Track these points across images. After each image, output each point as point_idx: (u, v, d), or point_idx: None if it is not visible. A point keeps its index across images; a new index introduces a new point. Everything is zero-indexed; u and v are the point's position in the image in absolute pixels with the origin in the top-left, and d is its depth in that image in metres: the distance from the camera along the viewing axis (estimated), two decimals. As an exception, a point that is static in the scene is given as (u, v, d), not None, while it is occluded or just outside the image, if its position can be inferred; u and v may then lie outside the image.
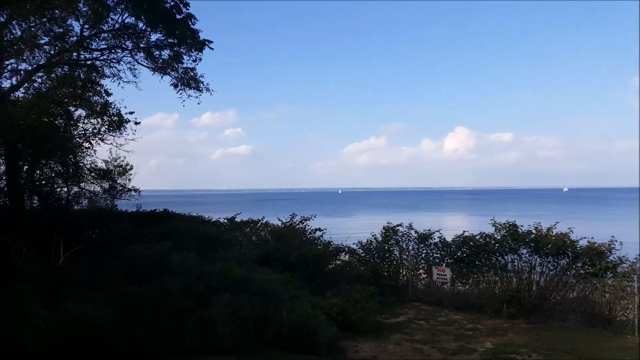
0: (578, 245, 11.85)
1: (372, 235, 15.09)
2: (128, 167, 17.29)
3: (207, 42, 15.73)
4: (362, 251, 14.73)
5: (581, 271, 11.73)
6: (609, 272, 11.55)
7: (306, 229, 15.22)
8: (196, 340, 7.27)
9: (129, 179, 17.30)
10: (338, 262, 14.62)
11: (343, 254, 14.69)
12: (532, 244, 12.22)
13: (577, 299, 11.83)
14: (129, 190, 17.10)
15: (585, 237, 12.13)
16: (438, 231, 14.38)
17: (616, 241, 11.89)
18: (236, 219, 16.18)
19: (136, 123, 15.70)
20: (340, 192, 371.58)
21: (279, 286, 8.89)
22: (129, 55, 15.87)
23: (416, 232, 14.49)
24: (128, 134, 15.73)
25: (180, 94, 16.46)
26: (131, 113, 15.54)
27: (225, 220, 16.19)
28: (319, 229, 15.09)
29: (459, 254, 13.49)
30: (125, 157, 16.98)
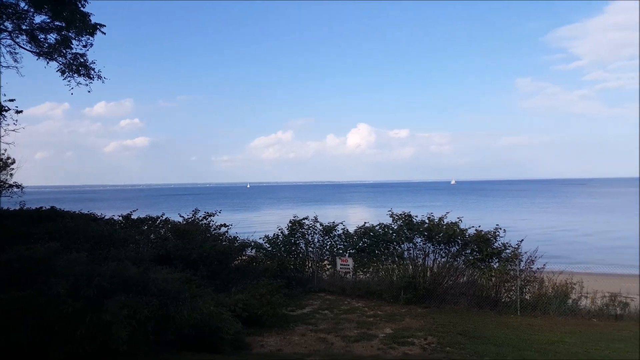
0: (467, 234, 12.80)
1: (279, 229, 15.12)
2: (9, 160, 15.60)
3: (98, 26, 14.57)
4: (268, 245, 14.72)
5: (470, 257, 12.70)
6: (494, 258, 12.63)
7: (210, 225, 14.84)
8: (90, 345, 6.77)
9: (11, 174, 15.62)
10: (244, 257, 14.45)
11: (249, 249, 14.54)
12: (426, 233, 13.00)
13: (466, 283, 12.80)
14: (10, 186, 15.45)
15: (473, 226, 13.15)
16: (342, 223, 14.81)
17: (500, 229, 13.03)
18: (132, 217, 15.32)
19: (17, 112, 14.19)
20: (248, 186, 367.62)
21: (180, 285, 8.55)
22: (8, 37, 14.26)
23: (321, 224, 14.79)
24: (8, 124, 14.17)
25: (69, 81, 15.13)
26: (11, 101, 14.03)
27: (120, 218, 15.27)
28: (224, 225, 14.80)
29: (360, 244, 13.99)
30: (5, 150, 15.31)
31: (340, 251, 14.33)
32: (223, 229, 14.47)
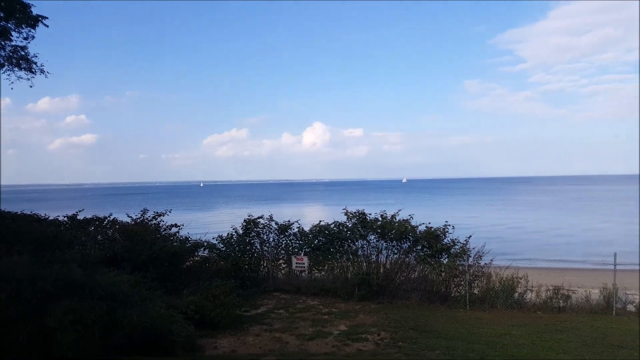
0: (418, 230, 13.12)
1: (233, 229, 14.91)
2: (-59, 159, 14.60)
3: (40, 18, 13.88)
4: (222, 246, 14.46)
5: (421, 253, 13.02)
6: (444, 253, 13.01)
7: (160, 225, 14.44)
8: (33, 351, 6.45)
9: (-58, 174, 14.64)
10: (196, 258, 14.15)
11: (202, 249, 14.26)
12: (379, 231, 13.22)
13: (418, 278, 13.11)
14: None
15: (423, 223, 13.50)
16: (297, 222, 14.77)
17: (449, 226, 13.43)
18: (78, 217, 14.69)
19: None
20: (201, 185, 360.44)
21: (129, 288, 8.28)
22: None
23: (277, 223, 14.71)
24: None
25: (9, 75, 14.32)
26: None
27: (66, 219, 14.60)
28: (175, 225, 14.42)
29: (315, 242, 14.03)
30: None
31: (296, 250, 14.32)
32: (174, 230, 14.10)
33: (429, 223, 13.59)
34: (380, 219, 13.58)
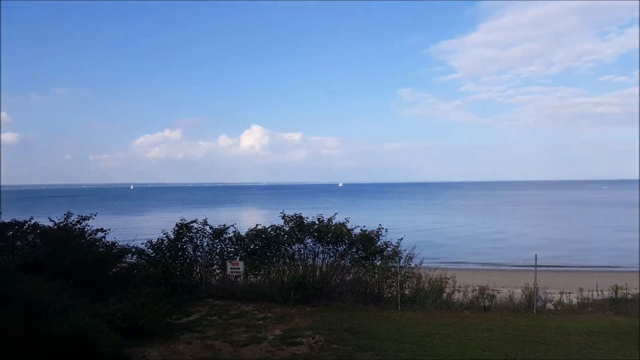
0: (353, 233, 13.35)
1: (164, 234, 14.39)
2: None
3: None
4: (152, 251, 13.92)
5: (355, 256, 13.23)
6: (377, 256, 13.30)
7: (85, 229, 13.66)
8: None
9: None
10: (124, 264, 13.53)
11: (130, 255, 13.66)
12: (316, 234, 13.31)
13: (352, 280, 13.31)
14: None
15: (358, 226, 13.75)
16: (233, 226, 14.53)
17: (383, 228, 13.76)
18: (-6, 222, 13.60)
19: None
20: (132, 187, 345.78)
21: (51, 296, 7.79)
22: None
23: (211, 227, 14.38)
24: None
25: None
26: None
27: (-20, 224, 13.47)
28: (101, 230, 13.71)
29: (252, 246, 13.87)
30: None
31: (231, 255, 14.07)
32: (100, 234, 13.38)
33: (364, 226, 13.86)
34: (317, 222, 13.66)
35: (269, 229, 13.90)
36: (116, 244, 13.15)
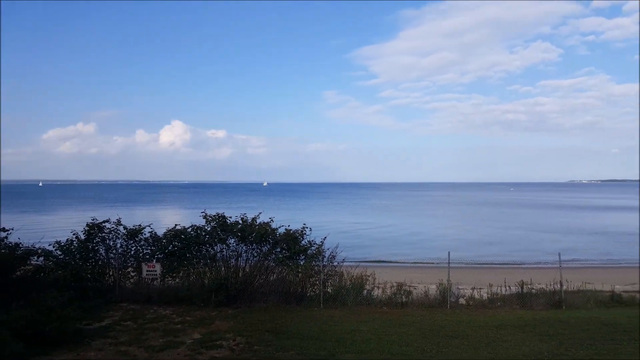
0: (277, 233, 13.24)
1: (74, 234, 13.45)
2: None
3: None
4: (60, 253, 12.96)
5: (280, 255, 13.15)
6: (301, 255, 13.32)
7: (-16, 229, 12.44)
8: None
9: None
10: (29, 267, 12.49)
11: (36, 257, 12.64)
12: (239, 234, 13.05)
13: (276, 280, 13.22)
14: None
15: (283, 225, 13.68)
16: (149, 226, 13.88)
17: (307, 228, 13.80)
18: None
19: None
20: (40, 184, 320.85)
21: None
22: None
23: (125, 228, 13.65)
24: None
25: None
26: None
27: None
28: (4, 229, 12.55)
29: (170, 247, 13.34)
30: None
31: (147, 256, 13.44)
32: (2, 234, 12.28)
33: (289, 226, 13.82)
34: (240, 222, 13.41)
35: (189, 229, 13.43)
36: (20, 245, 12.12)
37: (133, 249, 13.64)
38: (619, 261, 32.26)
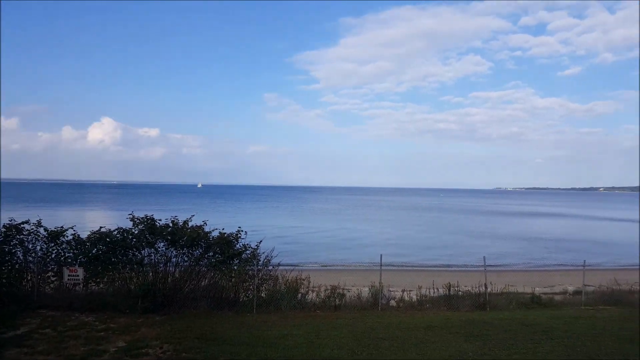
0: (211, 236, 12.92)
1: (-14, 237, 12.43)
2: None
3: None
4: (-31, 257, 11.94)
5: (212, 260, 12.83)
6: (235, 259, 13.08)
7: None
8: None
9: None
10: None
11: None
12: (169, 237, 12.60)
13: (208, 286, 12.88)
14: None
15: (217, 229, 13.37)
16: (72, 228, 13.09)
17: (242, 231, 13.57)
18: None
19: None
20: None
21: None
22: None
23: (46, 230, 12.79)
24: None
25: None
26: None
27: None
28: None
29: (94, 251, 12.62)
30: None
31: (70, 260, 12.66)
32: None
33: (223, 229, 13.54)
34: (171, 225, 12.95)
35: (115, 232, 12.79)
36: None
37: (54, 252, 12.80)
38: (539, 265, 34.47)
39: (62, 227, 12.96)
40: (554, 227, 69.78)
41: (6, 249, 12.38)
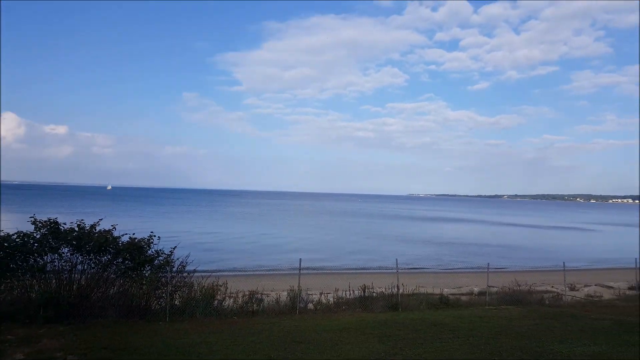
0: (120, 241, 12.26)
1: None
2: None
3: None
4: None
5: (122, 266, 12.20)
6: (147, 265, 12.53)
7: None
8: None
9: None
10: None
11: None
12: (75, 242, 11.81)
13: (117, 293, 12.21)
14: None
15: (127, 234, 12.72)
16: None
17: (155, 236, 13.03)
18: None
19: None
20: None
21: None
22: None
23: None
24: None
25: None
26: None
27: None
28: None
29: (-12, 257, 11.54)
30: None
31: (-42, 268, 11.47)
32: None
33: (134, 234, 12.93)
34: (76, 229, 12.15)
35: (14, 236, 11.75)
36: None
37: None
38: (448, 267, 36.47)
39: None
40: (462, 231, 74.30)
41: None
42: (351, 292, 15.56)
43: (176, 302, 12.46)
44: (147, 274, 12.35)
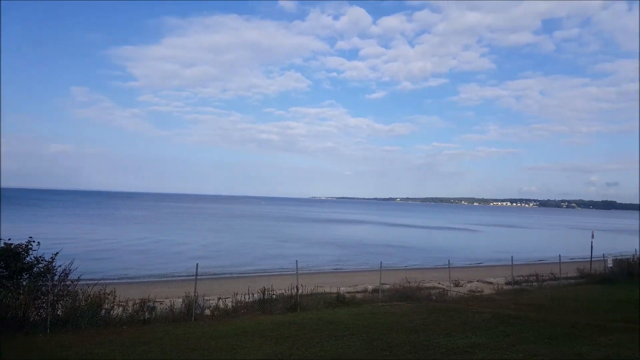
0: (-7, 248, 11.09)
1: None
2: None
3: None
4: None
5: (-6, 275, 11.02)
6: (25, 274, 11.45)
7: None
8: None
9: None
10: None
11: None
12: None
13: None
14: None
15: (2, 239, 11.61)
16: None
17: (34, 241, 11.98)
18: None
19: None
20: None
21: None
22: None
23: None
24: None
25: None
26: None
27: None
28: None
29: None
30: None
31: None
32: None
33: (9, 239, 11.79)
34: None
35: None
36: None
37: None
38: (345, 266, 37.60)
39: None
40: (358, 232, 77.20)
41: None
42: (250, 295, 15.41)
43: (59, 312, 11.50)
44: (24, 283, 11.27)
